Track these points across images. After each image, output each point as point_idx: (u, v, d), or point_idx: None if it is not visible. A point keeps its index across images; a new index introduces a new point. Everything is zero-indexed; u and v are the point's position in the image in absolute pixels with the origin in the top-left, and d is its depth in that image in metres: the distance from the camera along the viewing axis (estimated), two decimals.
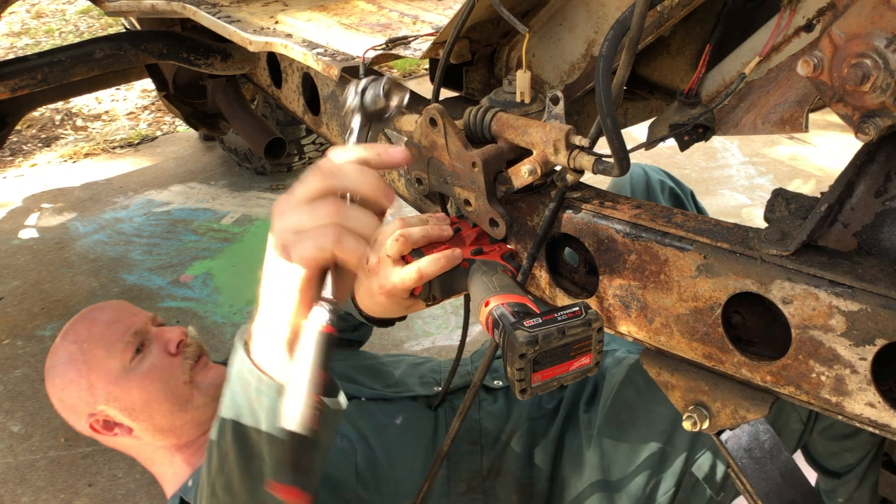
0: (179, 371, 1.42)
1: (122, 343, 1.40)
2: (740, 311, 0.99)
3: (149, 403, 1.39)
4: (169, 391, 1.40)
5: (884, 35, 0.73)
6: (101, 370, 1.39)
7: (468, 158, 1.05)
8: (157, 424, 1.42)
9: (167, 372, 1.41)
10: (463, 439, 1.43)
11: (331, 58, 1.29)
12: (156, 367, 1.41)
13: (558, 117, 1.02)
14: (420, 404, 1.47)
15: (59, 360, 1.43)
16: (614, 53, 0.89)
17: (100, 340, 1.41)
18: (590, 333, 0.91)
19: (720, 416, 0.98)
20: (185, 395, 1.41)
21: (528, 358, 0.89)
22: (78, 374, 1.40)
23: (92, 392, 1.40)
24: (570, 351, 0.92)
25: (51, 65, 1.80)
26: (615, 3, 1.13)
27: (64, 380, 1.42)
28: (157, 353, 1.43)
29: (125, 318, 1.45)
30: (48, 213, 3.60)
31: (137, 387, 1.39)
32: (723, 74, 1.19)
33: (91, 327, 1.44)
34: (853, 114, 0.79)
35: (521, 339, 0.88)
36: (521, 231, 1.14)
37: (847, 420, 0.86)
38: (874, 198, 0.89)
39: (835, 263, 0.85)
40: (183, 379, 1.42)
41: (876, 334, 0.80)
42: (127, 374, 1.39)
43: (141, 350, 1.43)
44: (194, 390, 1.43)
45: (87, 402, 1.41)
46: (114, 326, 1.43)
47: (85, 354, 1.40)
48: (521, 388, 0.92)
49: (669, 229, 0.97)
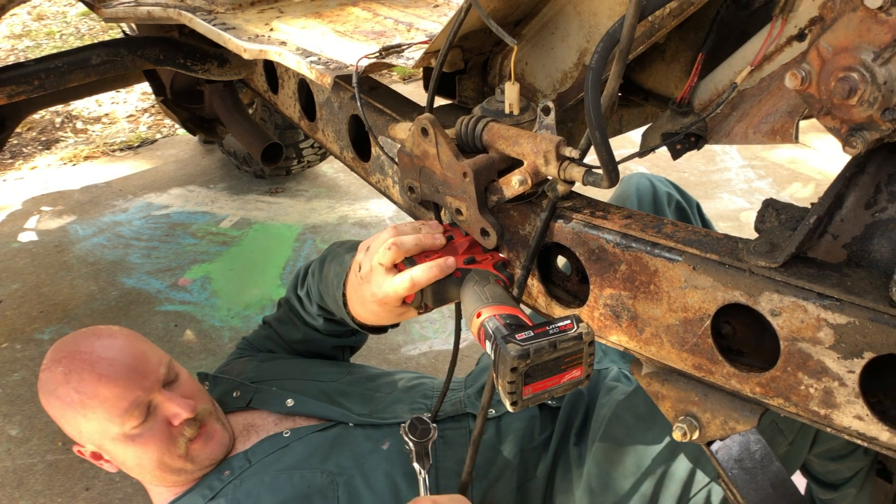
0: (175, 446, 1.38)
1: (127, 414, 1.33)
2: (730, 321, 0.99)
3: (139, 465, 1.38)
4: (161, 461, 1.37)
5: (871, 49, 0.73)
6: (98, 427, 1.35)
7: (459, 168, 1.05)
8: (143, 477, 1.43)
9: (164, 445, 1.36)
10: (452, 471, 1.41)
11: (324, 66, 1.29)
12: (153, 438, 1.36)
13: (549, 128, 1.02)
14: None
15: (56, 394, 1.36)
16: (604, 66, 0.89)
17: (104, 402, 1.33)
18: (581, 347, 0.91)
19: (710, 426, 0.98)
20: (176, 465, 1.39)
21: (519, 371, 0.89)
22: (73, 419, 1.36)
23: (84, 436, 1.38)
24: (562, 364, 0.92)
25: (47, 71, 1.81)
26: (607, 13, 1.13)
27: (57, 413, 1.38)
28: (160, 423, 1.37)
29: (137, 383, 1.35)
30: (47, 216, 3.61)
31: (132, 452, 1.36)
32: (715, 83, 1.19)
33: (100, 385, 1.33)
34: (841, 127, 0.79)
35: (512, 353, 0.88)
36: (513, 240, 1.15)
37: (836, 432, 0.86)
38: (864, 209, 0.89)
39: (823, 276, 0.85)
40: (178, 453, 1.38)
41: (864, 347, 0.80)
42: (124, 440, 1.35)
43: (146, 418, 1.36)
44: (188, 462, 1.39)
45: (77, 438, 1.40)
46: (123, 392, 1.33)
47: (86, 408, 1.34)
48: (513, 400, 0.92)
49: (659, 240, 0.97)
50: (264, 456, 1.41)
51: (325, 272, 1.42)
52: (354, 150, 1.59)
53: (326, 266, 1.42)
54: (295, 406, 1.49)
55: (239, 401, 1.54)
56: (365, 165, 1.56)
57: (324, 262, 1.46)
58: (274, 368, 1.63)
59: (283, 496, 1.32)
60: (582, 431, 1.47)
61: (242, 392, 1.55)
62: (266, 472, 1.37)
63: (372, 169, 1.53)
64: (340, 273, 1.31)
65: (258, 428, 1.49)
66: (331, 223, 3.44)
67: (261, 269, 3.06)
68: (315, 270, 1.50)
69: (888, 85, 0.73)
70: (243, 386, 1.56)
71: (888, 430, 0.81)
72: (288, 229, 3.38)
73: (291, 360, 1.68)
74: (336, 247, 1.46)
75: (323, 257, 1.48)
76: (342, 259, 1.34)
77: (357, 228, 3.39)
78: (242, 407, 1.53)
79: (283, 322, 1.69)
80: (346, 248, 1.40)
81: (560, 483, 1.43)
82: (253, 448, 1.43)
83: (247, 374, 1.60)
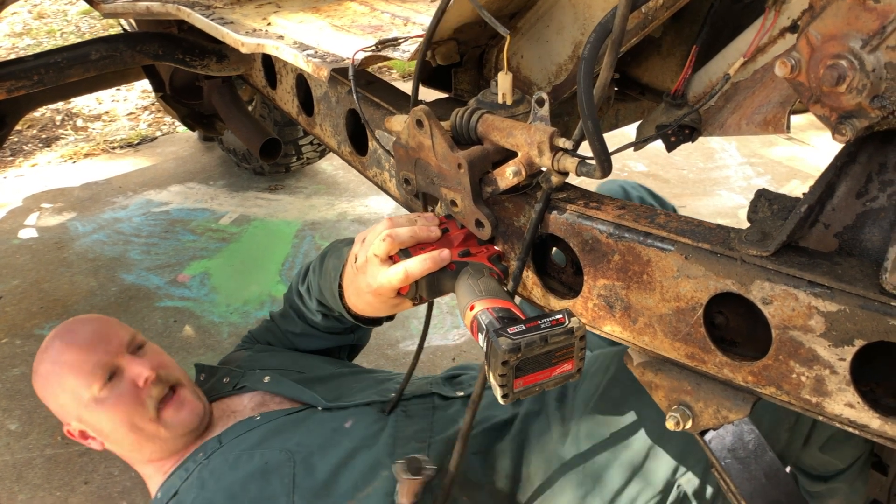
0: (144, 407, 1.44)
1: (90, 374, 1.43)
2: (723, 311, 1.00)
3: (116, 431, 1.44)
4: (133, 424, 1.43)
5: (859, 36, 0.74)
6: (72, 395, 1.44)
7: (454, 160, 1.05)
8: (124, 449, 1.48)
9: (131, 406, 1.43)
10: (411, 439, 1.44)
11: (321, 59, 1.29)
12: (121, 400, 1.42)
13: (543, 119, 1.03)
14: (374, 409, 1.49)
15: (39, 372, 1.49)
16: (596, 56, 0.89)
17: (72, 367, 1.44)
18: (572, 341, 0.92)
19: (703, 416, 0.99)
20: (150, 430, 1.44)
21: (510, 365, 0.90)
22: (52, 392, 1.46)
23: (65, 410, 1.47)
24: (553, 358, 0.93)
25: (47, 66, 1.81)
26: (601, 5, 1.14)
27: (43, 391, 1.49)
28: (126, 385, 1.45)
29: (98, 348, 1.46)
30: (48, 213, 3.62)
31: (105, 416, 1.43)
32: (709, 75, 1.20)
33: (66, 351, 1.46)
34: (830, 114, 0.79)
35: (504, 347, 0.89)
36: (508, 231, 1.15)
37: (827, 420, 0.87)
38: (855, 199, 0.89)
39: (814, 264, 0.85)
40: (148, 416, 1.43)
41: (854, 335, 0.80)
42: (94, 404, 1.43)
43: (112, 378, 1.45)
44: (160, 426, 1.45)
45: (62, 415, 1.49)
46: (86, 355, 1.44)
47: (59, 377, 1.45)
48: (504, 392, 0.93)
49: (652, 230, 0.97)
50: (234, 437, 1.45)
51: (324, 266, 1.45)
52: (352, 144, 1.60)
53: (326, 260, 1.44)
54: (270, 383, 1.54)
55: (227, 385, 1.58)
56: (362, 160, 1.56)
57: (324, 257, 1.48)
58: (264, 357, 1.67)
59: (242, 473, 1.36)
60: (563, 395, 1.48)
61: (231, 377, 1.60)
62: (231, 452, 1.41)
63: (369, 163, 1.54)
64: (338, 265, 1.33)
65: (237, 414, 1.53)
66: (330, 220, 3.44)
67: (260, 266, 3.07)
68: (316, 266, 1.53)
69: (876, 72, 0.73)
70: (232, 371, 1.61)
71: (879, 417, 0.81)
72: (287, 226, 3.39)
73: (285, 352, 1.71)
74: (337, 242, 1.49)
75: (324, 253, 1.50)
76: (340, 252, 1.36)
77: (356, 225, 3.39)
78: (229, 391, 1.56)
79: (285, 317, 1.72)
80: (346, 242, 1.42)
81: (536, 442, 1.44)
82: (226, 431, 1.48)
83: (239, 363, 1.65)
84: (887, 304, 0.77)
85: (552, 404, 1.47)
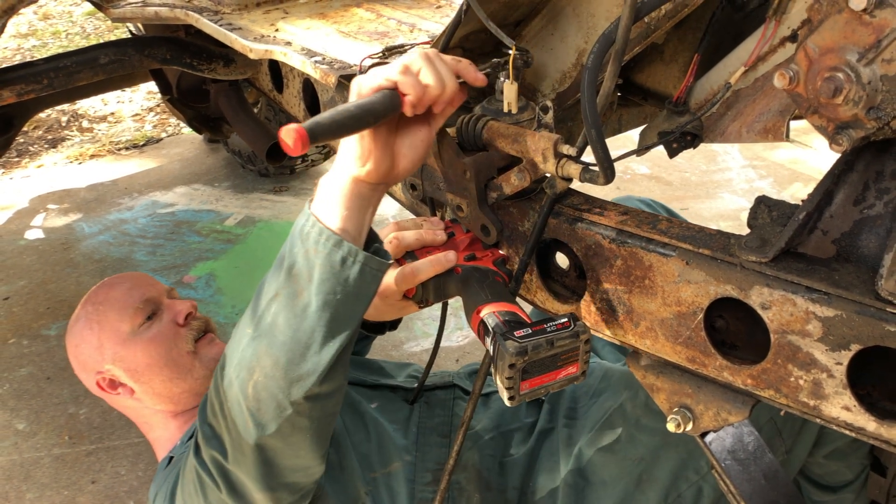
0: (183, 341, 1.49)
1: (133, 308, 1.48)
2: (724, 315, 1.02)
3: (150, 367, 1.47)
4: (171, 358, 1.47)
5: (856, 49, 0.76)
6: (112, 331, 1.48)
7: (460, 166, 1.07)
8: (156, 389, 1.49)
9: (171, 340, 1.48)
10: (434, 431, 1.46)
11: (328, 66, 1.32)
12: (161, 334, 1.48)
13: (548, 126, 1.05)
14: (398, 396, 1.52)
15: (76, 319, 1.53)
16: (599, 66, 0.91)
17: (114, 304, 1.50)
18: (577, 345, 0.94)
19: (703, 418, 1.01)
20: (186, 365, 1.48)
21: (517, 368, 0.92)
22: (90, 333, 1.49)
23: (101, 351, 1.48)
24: (558, 361, 0.95)
25: (56, 70, 1.84)
26: (604, 14, 1.16)
27: (78, 338, 1.51)
28: (166, 322, 1.51)
29: (141, 287, 1.54)
30: (54, 214, 3.65)
31: (142, 350, 1.46)
32: (710, 83, 1.21)
33: (109, 291, 1.53)
34: (828, 125, 0.81)
35: (511, 350, 0.92)
36: (512, 236, 1.17)
37: (824, 423, 0.89)
38: (853, 206, 0.91)
39: (812, 270, 0.87)
40: (186, 349, 1.49)
41: (851, 339, 0.82)
42: (133, 338, 1.47)
43: (152, 318, 1.51)
44: (196, 361, 1.49)
45: (95, 361, 1.49)
46: (129, 293, 1.52)
47: (99, 315, 1.49)
48: (510, 395, 0.96)
49: (654, 235, 0.99)
50: None
51: None
52: None
53: None
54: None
55: None
56: None
57: None
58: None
59: None
60: (573, 413, 1.50)
61: None
62: None
63: None
64: None
65: None
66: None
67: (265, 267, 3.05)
68: None
69: (872, 84, 0.75)
70: None
71: (875, 420, 0.83)
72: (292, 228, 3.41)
73: None
74: None
75: None
76: None
77: None
78: None
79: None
80: None
81: (545, 460, 1.46)
82: None
83: None
84: (883, 310, 0.79)
85: (562, 421, 1.49)
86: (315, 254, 0.96)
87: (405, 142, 0.98)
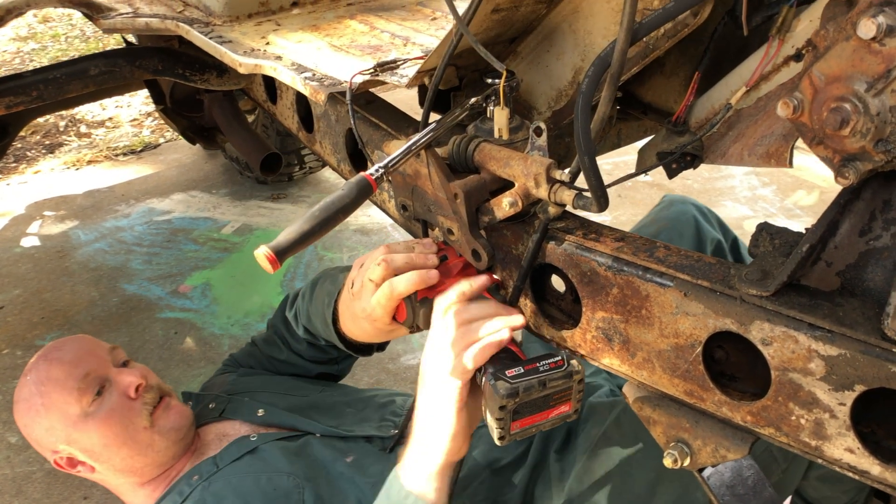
0: (138, 416, 1.42)
1: (76, 388, 1.40)
2: (724, 346, 0.98)
3: (108, 447, 1.40)
4: (128, 436, 1.40)
5: (864, 79, 0.72)
6: (60, 414, 1.40)
7: (450, 190, 1.04)
8: (117, 466, 1.43)
9: (126, 417, 1.41)
10: None
11: (319, 82, 1.28)
12: (114, 413, 1.40)
13: (541, 149, 1.01)
14: (374, 446, 1.45)
15: (21, 397, 1.45)
16: (594, 90, 0.88)
17: (56, 384, 1.41)
18: (570, 385, 0.91)
19: (701, 454, 0.97)
20: (144, 440, 1.42)
21: (508, 409, 0.90)
22: (38, 416, 1.41)
23: (52, 433, 1.41)
24: (550, 400, 0.92)
25: (45, 82, 1.81)
26: (601, 32, 1.12)
27: (27, 418, 1.43)
28: (117, 398, 1.43)
29: (82, 361, 1.44)
30: (50, 221, 3.62)
31: (95, 431, 1.39)
32: (712, 102, 1.18)
33: (50, 369, 1.43)
34: (833, 156, 0.77)
35: (501, 392, 0.89)
36: (506, 259, 1.14)
37: (827, 464, 0.85)
38: (858, 237, 0.87)
39: (815, 305, 0.83)
40: (142, 424, 1.42)
41: (855, 380, 0.79)
42: (84, 419, 1.39)
43: (101, 393, 1.43)
44: (154, 435, 1.43)
45: (49, 442, 1.43)
46: (70, 370, 1.42)
47: (43, 397, 1.41)
48: (500, 435, 0.92)
49: (651, 264, 0.95)
50: (232, 460, 1.42)
51: (315, 292, 1.42)
52: (351, 163, 1.59)
53: (319, 286, 1.42)
54: (265, 416, 1.51)
55: (213, 411, 1.55)
56: None
57: (315, 284, 1.46)
58: (250, 381, 1.64)
59: (249, 498, 1.34)
60: (564, 446, 1.46)
61: (217, 403, 1.57)
62: (234, 475, 1.39)
63: None
64: (333, 291, 1.31)
65: (230, 437, 1.50)
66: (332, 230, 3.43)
67: (261, 277, 3.06)
68: (305, 293, 1.50)
69: (881, 116, 0.71)
70: (218, 398, 1.58)
71: (879, 463, 0.79)
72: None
73: (268, 375, 1.67)
74: (330, 270, 1.47)
75: (315, 280, 1.48)
76: (336, 278, 1.34)
77: (359, 235, 3.38)
78: (216, 417, 1.54)
79: (269, 344, 1.69)
80: (341, 269, 1.40)
81: (540, 496, 1.42)
82: (221, 453, 1.45)
83: (224, 388, 1.62)
84: (889, 350, 0.76)
85: (553, 456, 1.45)
86: None
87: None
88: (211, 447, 1.49)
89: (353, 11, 1.70)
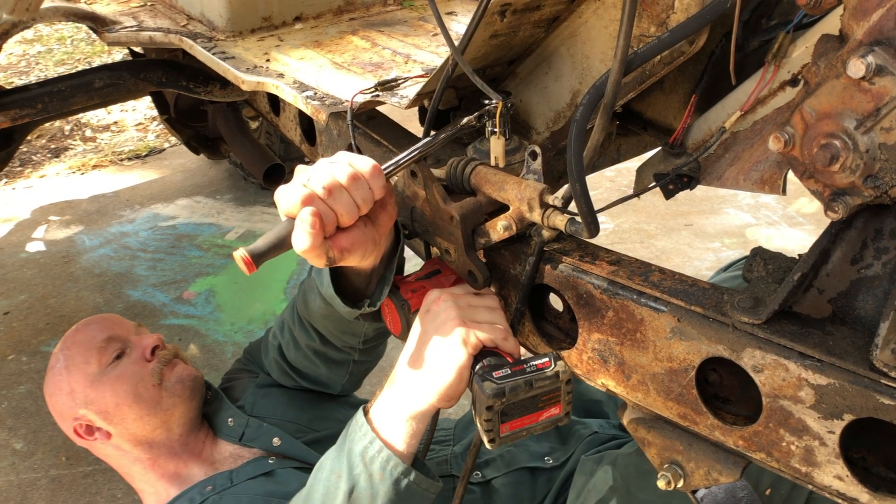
0: (150, 375, 1.49)
1: (98, 348, 1.49)
2: (717, 369, 0.99)
3: (120, 406, 1.46)
4: (138, 394, 1.46)
5: (854, 116, 0.73)
6: (80, 374, 1.48)
7: (446, 213, 1.05)
8: (130, 430, 1.47)
9: (137, 375, 1.48)
10: None
11: (320, 102, 1.30)
12: (127, 371, 1.48)
13: (536, 173, 1.03)
14: None
15: (49, 368, 1.54)
16: (588, 119, 0.89)
17: (80, 346, 1.50)
18: (558, 385, 0.93)
19: (694, 476, 0.98)
20: (153, 398, 1.47)
21: (495, 410, 0.91)
22: (61, 379, 1.49)
23: (73, 396, 1.48)
24: (539, 402, 0.93)
25: (50, 94, 1.83)
26: (599, 56, 1.13)
27: (52, 387, 1.51)
28: (134, 359, 1.51)
29: (106, 326, 1.55)
30: (55, 226, 3.64)
31: (110, 389, 1.46)
32: (709, 124, 1.19)
33: (75, 335, 1.54)
34: (823, 190, 0.79)
35: (487, 392, 0.90)
36: (504, 278, 1.15)
37: (816, 490, 0.86)
38: (850, 265, 0.88)
39: (806, 333, 0.84)
40: (152, 382, 1.48)
41: (844, 409, 0.80)
42: (101, 377, 1.47)
43: (121, 356, 1.51)
44: (162, 391, 1.49)
45: (69, 407, 1.49)
46: (94, 333, 1.52)
47: (67, 361, 1.50)
48: (490, 437, 0.94)
49: (645, 289, 0.97)
50: (246, 478, 1.44)
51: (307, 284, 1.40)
52: None
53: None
54: (282, 446, 1.52)
55: (233, 430, 1.55)
56: None
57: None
58: (269, 406, 1.60)
59: None
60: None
61: (236, 421, 1.56)
62: (245, 494, 1.40)
63: None
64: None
65: (244, 458, 1.51)
66: None
67: (265, 284, 3.08)
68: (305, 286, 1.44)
69: (870, 153, 0.72)
70: (238, 415, 1.57)
71: (868, 492, 0.81)
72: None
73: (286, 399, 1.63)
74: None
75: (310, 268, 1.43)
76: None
77: None
78: (235, 441, 1.54)
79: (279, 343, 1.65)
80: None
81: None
82: (237, 469, 1.47)
83: (243, 401, 1.61)
84: (877, 381, 0.77)
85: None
86: (381, 480, 0.99)
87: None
88: (227, 463, 1.52)
89: (356, 27, 1.72)
